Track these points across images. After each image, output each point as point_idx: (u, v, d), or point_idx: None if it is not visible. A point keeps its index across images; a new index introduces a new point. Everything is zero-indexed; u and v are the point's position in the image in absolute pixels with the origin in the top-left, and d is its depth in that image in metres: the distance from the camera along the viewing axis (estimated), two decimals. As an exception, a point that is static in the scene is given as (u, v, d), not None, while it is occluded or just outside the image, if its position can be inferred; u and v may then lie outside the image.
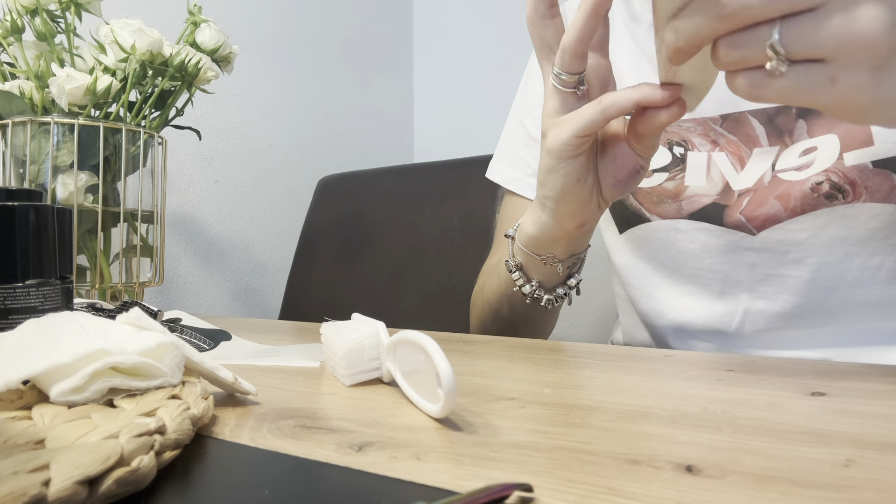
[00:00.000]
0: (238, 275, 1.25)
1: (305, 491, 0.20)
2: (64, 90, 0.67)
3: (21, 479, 0.16)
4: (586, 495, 0.19)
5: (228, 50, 0.80)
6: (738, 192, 0.56)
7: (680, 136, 0.59)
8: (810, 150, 0.54)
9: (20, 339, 0.29)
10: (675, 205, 0.59)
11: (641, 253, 0.64)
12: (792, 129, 0.54)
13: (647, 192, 0.60)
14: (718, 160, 0.57)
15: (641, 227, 0.62)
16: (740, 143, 0.57)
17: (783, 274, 0.55)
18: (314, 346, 0.47)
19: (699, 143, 0.58)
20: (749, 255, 0.56)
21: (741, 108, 0.56)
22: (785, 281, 0.55)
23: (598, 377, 0.36)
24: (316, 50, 1.43)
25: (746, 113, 0.56)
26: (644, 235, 0.62)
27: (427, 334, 0.27)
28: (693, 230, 0.59)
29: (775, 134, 0.55)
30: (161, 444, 0.21)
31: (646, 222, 0.61)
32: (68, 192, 0.69)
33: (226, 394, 0.31)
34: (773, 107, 0.55)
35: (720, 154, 0.57)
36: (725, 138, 0.57)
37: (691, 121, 0.59)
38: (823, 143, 0.53)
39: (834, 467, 0.21)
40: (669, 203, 0.59)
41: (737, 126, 0.56)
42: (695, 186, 0.58)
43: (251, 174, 1.28)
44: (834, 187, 0.52)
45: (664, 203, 0.60)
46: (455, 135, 1.65)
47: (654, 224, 0.61)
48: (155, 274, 0.77)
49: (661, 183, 0.60)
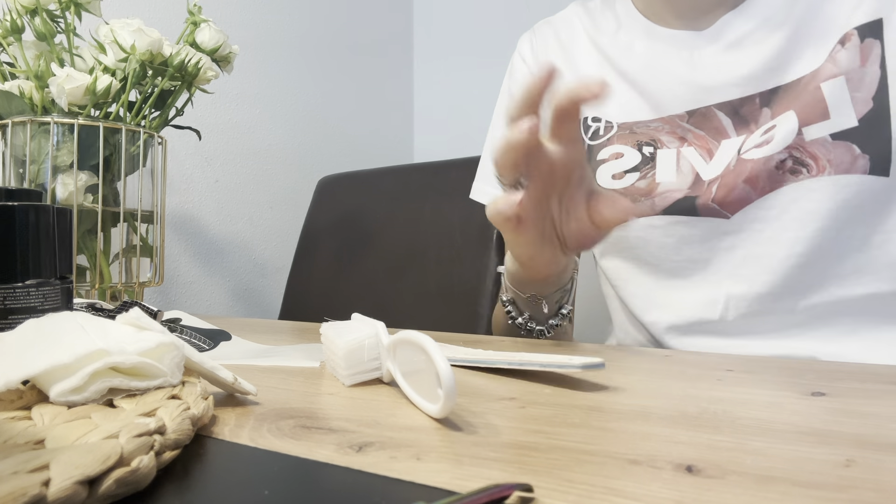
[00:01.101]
0: (238, 275, 1.25)
1: (305, 491, 0.20)
2: (64, 90, 0.67)
3: (21, 479, 0.16)
4: (586, 495, 0.19)
5: (228, 50, 0.80)
6: (708, 182, 0.57)
7: (649, 136, 0.61)
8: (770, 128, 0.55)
9: (20, 339, 0.29)
10: (649, 202, 0.60)
11: (623, 253, 0.65)
12: (757, 116, 0.56)
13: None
14: (687, 154, 0.59)
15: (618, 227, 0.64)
16: (708, 136, 0.58)
17: (760, 254, 0.56)
18: (314, 346, 0.47)
19: (667, 140, 0.60)
20: (727, 239, 0.57)
21: (706, 103, 0.58)
22: (762, 261, 0.56)
23: (597, 377, 0.36)
24: (316, 50, 1.43)
25: (712, 107, 0.58)
26: (623, 235, 0.63)
27: (427, 334, 0.27)
28: (669, 224, 0.59)
29: (741, 123, 0.57)
30: (161, 444, 0.21)
31: None
32: (68, 192, 0.69)
33: (226, 394, 0.31)
34: (738, 98, 0.57)
35: (689, 149, 0.59)
36: (693, 133, 0.58)
37: (658, 120, 0.60)
38: (782, 120, 0.55)
39: (834, 467, 0.21)
40: (643, 201, 0.60)
41: (703, 120, 0.58)
42: (666, 182, 0.59)
43: (251, 174, 1.28)
44: (797, 162, 0.54)
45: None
46: (455, 135, 1.65)
47: (631, 223, 0.62)
48: (155, 274, 0.77)
49: (634, 183, 0.61)
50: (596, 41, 0.66)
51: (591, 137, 0.64)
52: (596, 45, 0.66)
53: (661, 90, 0.61)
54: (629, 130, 0.62)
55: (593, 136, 0.64)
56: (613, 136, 0.63)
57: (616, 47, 0.65)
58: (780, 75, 0.56)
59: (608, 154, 0.63)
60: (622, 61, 0.64)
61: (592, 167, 0.64)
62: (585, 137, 0.65)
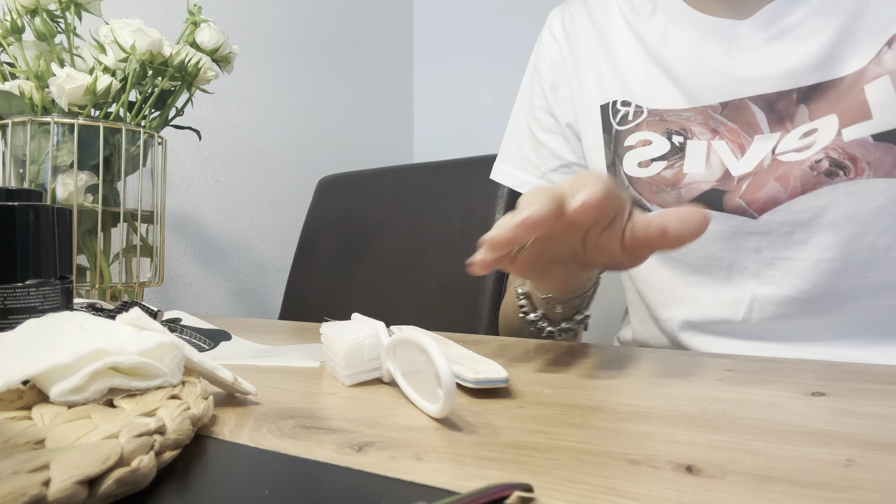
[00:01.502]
0: (238, 275, 1.25)
1: (305, 491, 0.20)
2: (64, 90, 0.67)
3: (21, 479, 0.16)
4: (586, 495, 0.19)
5: (228, 50, 0.80)
6: (738, 178, 0.55)
7: (679, 126, 0.59)
8: (811, 132, 0.53)
9: (20, 339, 0.29)
10: (675, 192, 0.58)
11: None
12: (793, 114, 0.54)
13: (647, 181, 0.60)
14: (718, 148, 0.57)
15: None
16: (741, 130, 0.56)
17: (788, 257, 0.54)
18: (314, 346, 0.47)
19: (699, 131, 0.58)
20: (752, 240, 0.55)
21: (741, 95, 0.56)
22: (791, 264, 0.54)
23: (598, 377, 0.36)
24: (316, 50, 1.43)
25: (746, 100, 0.55)
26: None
27: (427, 334, 0.27)
28: None
29: (776, 120, 0.54)
30: (161, 444, 0.21)
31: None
32: (68, 192, 0.69)
33: (226, 394, 0.31)
34: (774, 92, 0.54)
35: (720, 142, 0.57)
36: (726, 126, 0.56)
37: (691, 110, 0.58)
38: (824, 123, 0.52)
39: (834, 467, 0.21)
40: (668, 191, 0.59)
41: (737, 113, 0.56)
42: (693, 174, 0.57)
43: (251, 174, 1.28)
44: (834, 164, 0.51)
45: (663, 192, 0.59)
46: (455, 135, 1.65)
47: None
48: (155, 274, 0.77)
49: (660, 172, 0.59)
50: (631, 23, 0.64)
51: (619, 122, 0.62)
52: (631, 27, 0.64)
53: (696, 80, 0.58)
54: (659, 117, 0.60)
55: (622, 120, 0.62)
56: (643, 122, 0.60)
57: (651, 31, 0.62)
58: (822, 72, 0.53)
59: (636, 140, 0.61)
60: (657, 46, 0.61)
61: (619, 154, 0.62)
62: (614, 122, 0.62)
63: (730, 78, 0.56)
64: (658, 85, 0.60)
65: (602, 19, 0.66)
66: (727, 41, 0.57)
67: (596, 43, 0.66)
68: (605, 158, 0.63)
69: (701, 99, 0.58)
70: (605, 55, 0.65)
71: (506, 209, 0.97)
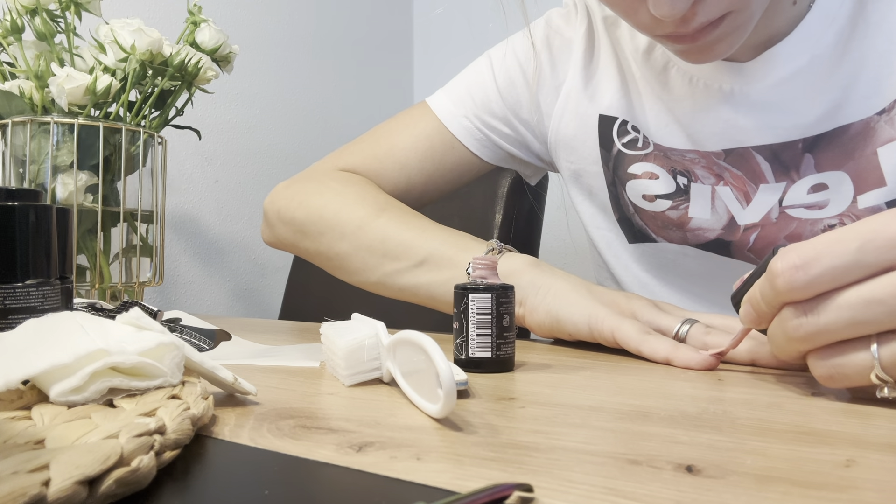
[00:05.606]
0: (238, 275, 1.25)
1: (305, 491, 0.20)
2: (64, 90, 0.67)
3: (21, 479, 0.16)
4: (586, 495, 0.19)
5: (228, 50, 0.80)
6: (744, 227, 0.55)
7: (683, 166, 0.57)
8: (820, 186, 0.52)
9: (20, 339, 0.29)
10: (680, 233, 0.58)
11: (651, 269, 0.62)
12: (798, 163, 0.52)
13: (652, 215, 0.59)
14: (723, 194, 0.56)
15: (649, 244, 0.61)
16: (745, 177, 0.54)
17: None
18: (314, 346, 0.47)
19: (702, 175, 0.56)
20: None
21: (744, 144, 0.54)
22: None
23: (598, 377, 0.36)
24: (316, 50, 1.43)
25: (750, 149, 0.54)
26: (653, 252, 0.61)
27: (427, 334, 0.27)
28: (701, 256, 0.58)
29: (781, 170, 0.53)
30: (161, 444, 0.21)
31: (653, 242, 0.61)
32: (68, 191, 0.69)
33: (226, 394, 0.31)
34: (778, 142, 0.53)
35: (724, 188, 0.55)
36: (730, 172, 0.55)
37: (694, 152, 0.56)
38: (834, 181, 0.51)
39: (834, 467, 0.21)
40: (674, 230, 0.58)
41: (741, 161, 0.54)
42: (699, 219, 0.57)
43: (251, 174, 1.28)
44: None
45: (669, 229, 0.58)
46: (455, 135, 1.64)
47: (662, 245, 0.60)
48: (155, 274, 0.77)
49: (665, 210, 0.58)
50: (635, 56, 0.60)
51: (625, 145, 0.60)
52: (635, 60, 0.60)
53: (697, 124, 0.56)
54: (664, 154, 0.58)
55: (629, 144, 0.60)
56: (650, 154, 0.58)
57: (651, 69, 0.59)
58: (826, 121, 0.51)
59: (641, 171, 0.59)
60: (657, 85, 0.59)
61: (620, 176, 0.60)
62: (617, 141, 0.60)
63: (732, 125, 0.54)
64: (661, 122, 0.58)
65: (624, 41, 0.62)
66: (729, 86, 0.54)
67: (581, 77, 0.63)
68: (604, 176, 0.62)
69: (704, 144, 0.56)
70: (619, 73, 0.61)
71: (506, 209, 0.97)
